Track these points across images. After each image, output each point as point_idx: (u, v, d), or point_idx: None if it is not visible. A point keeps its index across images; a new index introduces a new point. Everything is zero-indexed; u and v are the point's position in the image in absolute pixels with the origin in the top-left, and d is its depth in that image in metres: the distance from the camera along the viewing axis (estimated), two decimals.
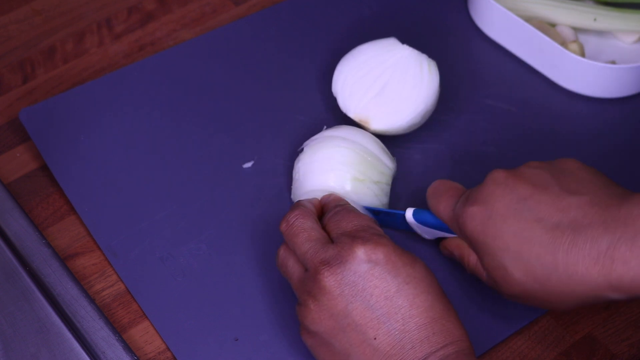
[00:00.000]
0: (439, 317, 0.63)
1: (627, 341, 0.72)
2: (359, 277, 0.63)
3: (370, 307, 0.63)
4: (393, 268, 0.64)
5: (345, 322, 0.63)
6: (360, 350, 0.63)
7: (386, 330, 0.62)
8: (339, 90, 0.81)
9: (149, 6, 0.96)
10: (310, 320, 0.65)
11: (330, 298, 0.64)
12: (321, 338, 0.65)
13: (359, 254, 0.64)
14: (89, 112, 0.85)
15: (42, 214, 0.79)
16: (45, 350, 0.69)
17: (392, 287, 0.63)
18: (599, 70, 0.85)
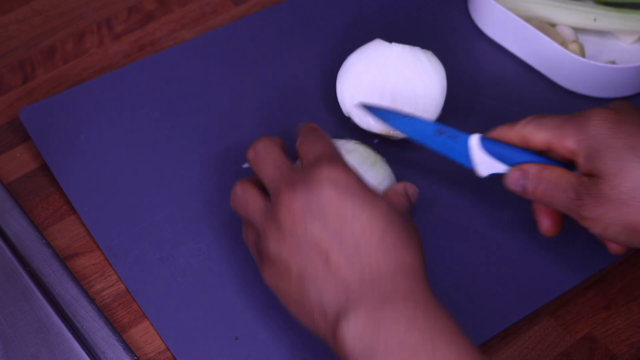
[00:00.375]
0: (392, 241, 0.62)
1: (627, 341, 0.73)
2: (319, 198, 0.63)
3: (326, 228, 0.63)
4: (352, 194, 0.63)
5: (303, 241, 0.63)
6: (314, 272, 0.62)
7: (338, 252, 0.62)
8: (351, 110, 0.81)
9: (149, 6, 0.96)
10: (272, 247, 0.64)
11: (292, 221, 0.63)
12: (280, 265, 0.64)
13: (323, 174, 0.64)
14: (89, 111, 0.85)
15: (42, 214, 0.79)
16: (45, 350, 0.69)
17: (348, 211, 0.63)
18: (599, 70, 0.85)
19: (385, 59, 0.81)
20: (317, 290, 0.62)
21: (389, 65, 0.81)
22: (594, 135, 0.68)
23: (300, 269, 0.63)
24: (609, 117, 0.68)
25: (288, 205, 0.64)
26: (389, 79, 0.80)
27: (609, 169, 0.66)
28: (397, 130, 0.76)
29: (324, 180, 0.64)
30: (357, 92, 0.81)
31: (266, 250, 0.65)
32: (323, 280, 0.62)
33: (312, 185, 0.64)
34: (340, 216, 0.63)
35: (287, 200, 0.64)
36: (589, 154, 0.67)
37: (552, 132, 0.70)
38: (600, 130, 0.68)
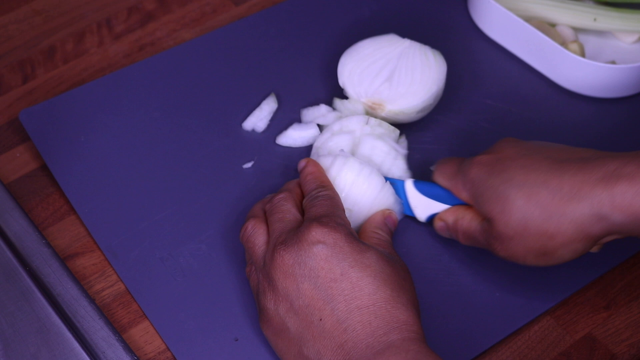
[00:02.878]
0: (384, 301, 0.63)
1: (627, 341, 0.73)
2: (309, 258, 0.65)
3: (317, 288, 0.64)
4: (340, 252, 0.65)
5: (298, 303, 0.65)
6: (310, 332, 0.64)
7: (330, 311, 0.63)
8: (347, 80, 0.82)
9: (149, 6, 0.96)
10: (269, 304, 0.66)
11: (284, 277, 0.65)
12: (278, 323, 0.66)
13: (312, 236, 0.66)
14: (89, 112, 0.85)
15: (42, 214, 0.79)
16: (45, 350, 0.69)
17: (337, 270, 0.64)
18: (599, 70, 0.85)
19: (394, 48, 0.83)
20: (316, 351, 0.64)
21: (396, 53, 0.83)
22: (475, 181, 0.70)
23: (297, 331, 0.65)
24: (484, 160, 0.70)
25: (280, 264, 0.66)
26: (391, 63, 0.82)
27: (494, 209, 0.68)
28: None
29: (313, 240, 0.65)
30: (357, 67, 0.82)
31: (264, 306, 0.67)
32: (319, 341, 0.63)
33: (302, 244, 0.66)
34: (329, 276, 0.64)
35: (278, 259, 0.66)
36: (476, 201, 0.70)
37: (449, 182, 0.73)
38: (479, 174, 0.69)
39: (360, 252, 0.65)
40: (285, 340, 0.66)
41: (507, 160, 0.69)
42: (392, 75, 0.82)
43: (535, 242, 0.67)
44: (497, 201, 0.67)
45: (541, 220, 0.66)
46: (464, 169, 0.71)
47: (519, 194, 0.66)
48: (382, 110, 0.80)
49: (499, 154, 0.70)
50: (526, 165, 0.67)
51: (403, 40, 0.83)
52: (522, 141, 0.71)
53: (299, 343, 0.64)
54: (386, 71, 0.82)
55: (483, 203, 0.69)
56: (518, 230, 0.67)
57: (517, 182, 0.67)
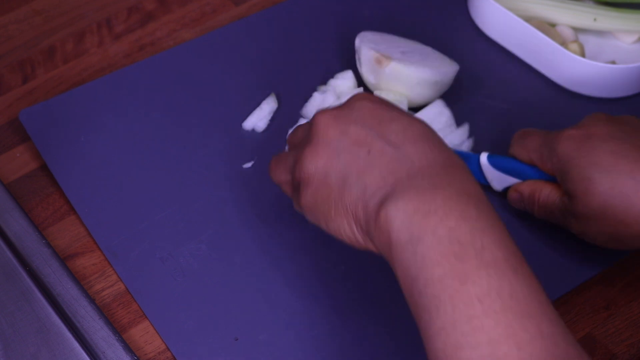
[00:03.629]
0: (438, 145, 0.60)
1: (627, 341, 0.73)
2: (355, 110, 0.62)
3: (364, 128, 0.60)
4: (387, 105, 0.62)
5: (340, 147, 0.61)
6: (355, 167, 0.60)
7: (381, 145, 0.59)
8: (364, 41, 0.83)
9: (149, 6, 0.96)
10: (306, 166, 0.62)
11: (325, 131, 0.61)
12: (318, 181, 0.62)
13: (356, 96, 0.63)
14: (89, 112, 0.85)
15: (42, 214, 0.79)
16: (45, 350, 0.69)
17: (386, 116, 0.61)
18: (599, 70, 0.85)
19: (416, 44, 0.85)
20: (361, 184, 0.59)
21: (415, 46, 0.85)
22: (562, 157, 0.70)
23: (339, 172, 0.60)
24: (575, 136, 0.70)
25: (321, 120, 0.62)
26: (409, 45, 0.84)
27: (578, 189, 0.68)
28: None
29: (357, 98, 0.63)
30: (376, 38, 0.84)
31: (301, 172, 0.63)
32: (365, 171, 0.59)
33: (345, 104, 0.63)
34: (378, 119, 0.61)
35: (320, 116, 0.62)
36: (561, 177, 0.70)
37: (533, 154, 0.73)
38: (567, 151, 0.70)
39: (407, 113, 0.62)
40: (325, 192, 0.61)
41: (596, 140, 0.69)
42: (407, 52, 0.83)
43: (610, 227, 0.67)
44: (582, 182, 0.68)
45: (621, 209, 0.66)
46: (551, 142, 0.71)
47: (603, 180, 0.67)
48: (388, 64, 0.80)
49: (589, 131, 0.70)
50: (615, 151, 0.67)
51: (425, 46, 0.86)
52: (614, 118, 0.71)
53: (341, 184, 0.60)
54: (403, 49, 0.83)
55: (567, 180, 0.69)
56: (597, 214, 0.67)
57: (604, 167, 0.67)
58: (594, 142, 0.69)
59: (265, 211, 0.78)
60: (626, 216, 0.66)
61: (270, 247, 0.76)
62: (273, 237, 0.76)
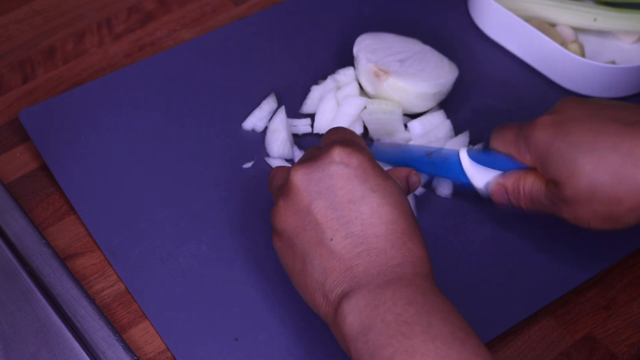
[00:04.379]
0: (401, 232, 0.62)
1: (627, 341, 0.73)
2: (327, 176, 0.63)
3: (332, 207, 0.62)
4: (363, 174, 0.63)
5: (307, 219, 0.63)
6: (317, 250, 0.62)
7: (344, 234, 0.62)
8: (361, 49, 0.83)
9: (149, 6, 0.96)
10: (277, 219, 0.65)
11: (296, 193, 0.63)
12: (286, 238, 0.64)
13: (333, 155, 0.64)
14: (89, 112, 0.85)
15: (42, 214, 0.79)
16: (45, 350, 0.69)
17: (358, 192, 0.62)
18: (599, 70, 0.85)
19: (414, 46, 0.84)
20: (321, 270, 0.62)
21: (414, 50, 0.84)
22: (540, 145, 0.69)
23: (303, 247, 0.63)
24: (548, 122, 0.69)
25: (295, 179, 0.64)
26: (408, 53, 0.83)
27: (562, 174, 0.67)
28: (388, 162, 0.77)
29: (333, 159, 0.63)
30: (374, 44, 0.83)
31: (273, 221, 0.65)
32: (327, 261, 0.62)
33: (322, 162, 0.64)
34: (348, 196, 0.62)
35: (293, 174, 0.64)
36: (542, 165, 0.69)
37: (510, 147, 0.72)
38: (544, 138, 0.68)
39: (383, 178, 0.63)
40: (291, 256, 0.64)
41: (572, 123, 0.67)
42: (406, 60, 0.82)
43: (603, 206, 0.66)
44: (565, 166, 0.66)
45: (610, 185, 0.65)
46: (526, 132, 0.70)
47: (587, 159, 0.65)
48: (386, 78, 0.80)
49: (562, 115, 0.68)
50: (594, 129, 0.66)
51: (424, 45, 0.85)
52: (585, 100, 0.70)
53: (304, 260, 0.63)
54: (401, 56, 0.83)
55: (549, 167, 0.68)
56: (586, 195, 0.66)
57: (585, 146, 0.65)
58: (569, 124, 0.67)
59: (265, 211, 0.78)
60: (617, 191, 0.65)
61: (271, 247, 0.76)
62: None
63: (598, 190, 0.65)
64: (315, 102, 0.84)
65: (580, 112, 0.68)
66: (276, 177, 0.69)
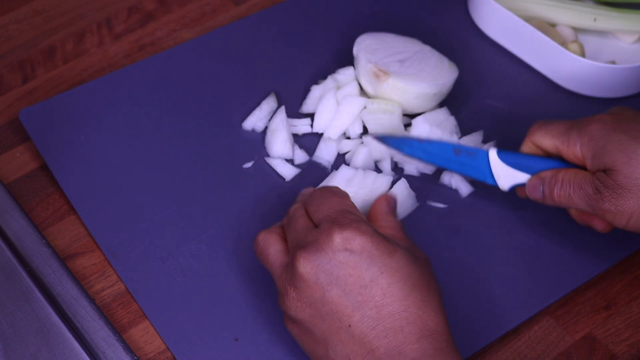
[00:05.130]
0: (415, 306, 0.63)
1: (627, 341, 0.73)
2: (335, 266, 0.64)
3: (345, 295, 0.63)
4: (368, 257, 0.64)
5: (323, 309, 0.64)
6: (338, 337, 0.63)
7: (360, 318, 0.63)
8: (361, 49, 0.83)
9: (149, 6, 0.96)
10: (292, 310, 0.65)
11: (307, 286, 0.64)
12: (303, 326, 0.65)
13: (336, 242, 0.64)
14: (89, 112, 0.85)
15: (42, 214, 0.79)
16: (45, 350, 0.69)
17: (367, 277, 0.63)
18: (599, 70, 0.85)
19: (414, 46, 0.84)
20: (344, 356, 0.63)
21: (415, 49, 0.84)
22: (597, 136, 0.70)
23: (324, 335, 0.64)
24: (607, 119, 0.71)
25: (302, 273, 0.64)
26: (408, 54, 0.83)
27: (619, 159, 0.68)
28: (414, 157, 0.77)
29: (337, 247, 0.64)
30: (374, 44, 0.83)
31: (287, 311, 0.66)
32: (348, 346, 0.63)
33: (326, 252, 0.64)
34: (359, 282, 0.63)
35: (300, 267, 0.64)
36: (596, 153, 0.70)
37: (558, 138, 0.72)
38: (602, 130, 0.70)
39: (388, 254, 0.64)
40: (312, 342, 0.65)
41: (631, 120, 0.70)
42: (406, 60, 0.82)
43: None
44: (622, 153, 0.68)
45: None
46: (581, 124, 0.71)
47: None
48: (386, 79, 0.80)
49: (618, 116, 0.71)
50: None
51: (424, 45, 0.85)
52: (634, 109, 0.72)
53: (326, 347, 0.64)
54: (401, 56, 0.83)
55: (605, 154, 0.69)
56: (636, 184, 0.67)
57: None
58: (629, 121, 0.70)
59: (265, 211, 0.78)
60: None
61: None
62: None
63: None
64: (315, 101, 0.84)
65: (634, 114, 0.71)
66: (271, 254, 0.68)
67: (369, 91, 0.83)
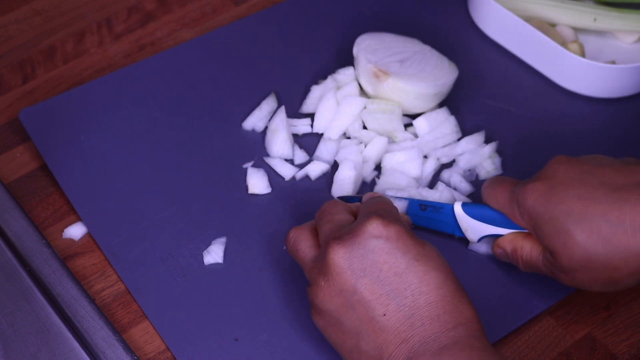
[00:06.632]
0: (450, 296, 0.62)
1: (627, 341, 0.73)
2: (369, 252, 0.63)
3: (379, 283, 0.62)
4: (403, 245, 0.63)
5: (355, 298, 0.63)
6: (370, 327, 0.62)
7: (395, 307, 0.62)
8: (361, 49, 0.83)
9: (149, 6, 0.96)
10: (320, 299, 0.64)
11: (339, 272, 0.63)
12: (331, 317, 0.64)
13: (369, 229, 0.63)
14: (89, 112, 0.85)
15: (42, 214, 0.79)
16: (45, 350, 0.69)
17: (402, 264, 0.62)
18: (599, 70, 0.85)
19: (414, 46, 0.84)
20: (376, 346, 0.62)
21: (415, 49, 0.84)
22: (532, 213, 0.68)
23: (354, 325, 0.63)
24: (539, 189, 0.68)
25: (334, 259, 0.63)
26: (408, 54, 0.83)
27: (556, 244, 0.67)
28: None
29: (370, 234, 0.63)
30: (374, 44, 0.83)
31: (315, 301, 0.65)
32: (381, 336, 0.62)
33: (361, 238, 0.63)
34: (393, 270, 0.62)
35: (332, 253, 0.63)
36: (536, 232, 0.69)
37: (505, 208, 0.71)
38: (535, 207, 0.68)
39: (421, 245, 0.64)
40: (339, 333, 0.64)
41: (562, 188, 0.67)
42: (406, 60, 0.82)
43: (600, 273, 0.66)
44: (558, 236, 0.66)
45: (605, 254, 0.65)
46: (518, 197, 0.69)
47: (579, 229, 0.65)
48: (386, 79, 0.80)
49: (552, 180, 0.68)
50: (583, 196, 0.65)
51: (424, 45, 0.85)
52: (574, 160, 0.69)
53: (356, 337, 0.63)
54: (401, 56, 0.83)
55: (543, 237, 0.68)
56: (582, 264, 0.66)
57: (576, 216, 0.65)
58: (559, 191, 0.67)
59: (265, 211, 0.78)
60: (612, 260, 0.65)
61: (270, 246, 0.76)
62: (273, 237, 0.76)
63: (593, 259, 0.65)
64: (315, 102, 0.84)
65: (569, 175, 0.67)
66: (301, 249, 0.68)
67: (369, 91, 0.83)
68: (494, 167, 0.80)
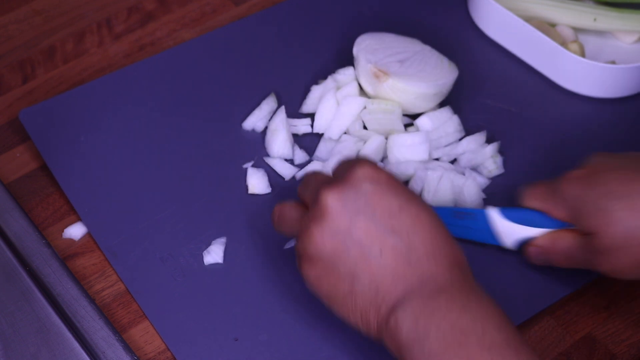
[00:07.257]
0: (444, 236, 0.63)
1: (627, 341, 0.73)
2: (362, 194, 0.63)
3: (374, 222, 0.62)
4: (394, 188, 0.63)
5: (350, 240, 0.62)
6: (365, 267, 0.62)
7: (392, 245, 0.62)
8: (361, 49, 0.83)
9: (149, 6, 0.96)
10: (314, 245, 0.63)
11: (332, 217, 0.63)
12: (324, 265, 0.63)
13: (361, 173, 0.63)
14: (89, 112, 0.85)
15: (42, 214, 0.79)
16: (45, 350, 0.69)
17: (395, 205, 0.63)
18: (599, 70, 0.85)
19: (414, 46, 0.84)
20: (372, 285, 0.62)
21: (415, 49, 0.84)
22: (572, 199, 0.69)
23: (348, 268, 0.62)
24: (579, 175, 0.69)
25: (328, 201, 0.63)
26: (407, 54, 0.83)
27: (597, 224, 0.67)
28: None
29: (362, 178, 0.63)
30: (374, 44, 0.83)
31: (308, 250, 0.64)
32: (378, 275, 0.62)
33: (352, 182, 0.63)
34: (387, 210, 0.62)
35: (326, 196, 0.63)
36: (575, 217, 0.69)
37: (542, 204, 0.71)
38: (574, 190, 0.69)
39: (409, 190, 0.64)
40: (333, 280, 0.63)
41: (601, 173, 0.68)
42: (406, 60, 0.82)
43: (636, 253, 0.66)
44: (599, 215, 0.66)
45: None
46: (557, 187, 0.70)
47: (620, 206, 0.65)
48: (386, 79, 0.80)
49: (591, 168, 0.69)
50: (623, 178, 0.66)
51: (424, 45, 0.85)
52: (613, 154, 0.70)
53: (351, 280, 0.62)
54: (401, 56, 0.83)
55: (584, 218, 0.68)
56: (623, 242, 0.66)
57: (617, 194, 0.66)
58: (599, 175, 0.68)
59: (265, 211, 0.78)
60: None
61: (270, 246, 0.76)
62: (273, 237, 0.76)
63: (635, 235, 0.65)
64: (315, 102, 0.84)
65: (609, 164, 0.69)
66: (286, 213, 0.68)
67: (369, 91, 0.83)
68: (496, 167, 0.80)
